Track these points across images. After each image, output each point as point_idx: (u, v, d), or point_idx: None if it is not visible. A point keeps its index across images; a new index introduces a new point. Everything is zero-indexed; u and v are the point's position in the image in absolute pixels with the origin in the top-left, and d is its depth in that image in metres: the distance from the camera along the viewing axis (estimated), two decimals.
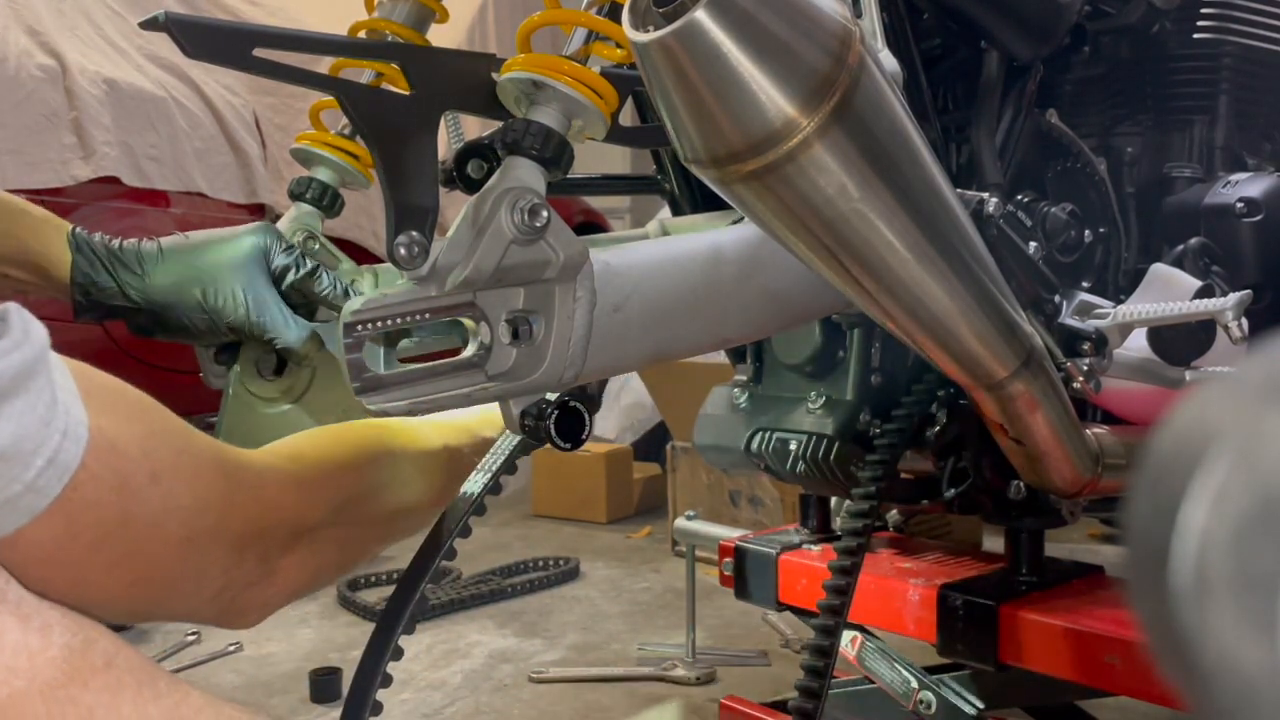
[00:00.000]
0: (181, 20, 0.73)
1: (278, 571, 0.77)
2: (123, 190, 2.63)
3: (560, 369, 0.77)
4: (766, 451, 1.29)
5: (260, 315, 0.92)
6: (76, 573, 0.61)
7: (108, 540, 0.62)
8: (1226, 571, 0.35)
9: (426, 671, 2.23)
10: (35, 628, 0.56)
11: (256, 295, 0.92)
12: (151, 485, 0.64)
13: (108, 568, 0.63)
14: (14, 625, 0.55)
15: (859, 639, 1.42)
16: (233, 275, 0.92)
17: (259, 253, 0.94)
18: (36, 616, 0.56)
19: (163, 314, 0.92)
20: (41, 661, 0.55)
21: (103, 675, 0.57)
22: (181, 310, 0.91)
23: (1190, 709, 0.38)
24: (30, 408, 0.54)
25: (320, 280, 0.96)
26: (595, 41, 0.82)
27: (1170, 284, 1.13)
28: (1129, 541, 0.40)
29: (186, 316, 0.92)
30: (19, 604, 0.56)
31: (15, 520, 0.56)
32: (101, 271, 0.91)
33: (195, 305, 0.91)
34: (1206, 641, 0.36)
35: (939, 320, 0.76)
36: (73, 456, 0.57)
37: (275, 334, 0.93)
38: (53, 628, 0.56)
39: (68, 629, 0.57)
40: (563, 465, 3.53)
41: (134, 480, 0.62)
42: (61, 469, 0.57)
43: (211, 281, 0.92)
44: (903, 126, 0.63)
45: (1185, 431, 0.38)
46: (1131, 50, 1.33)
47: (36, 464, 0.55)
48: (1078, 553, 2.40)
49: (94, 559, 0.61)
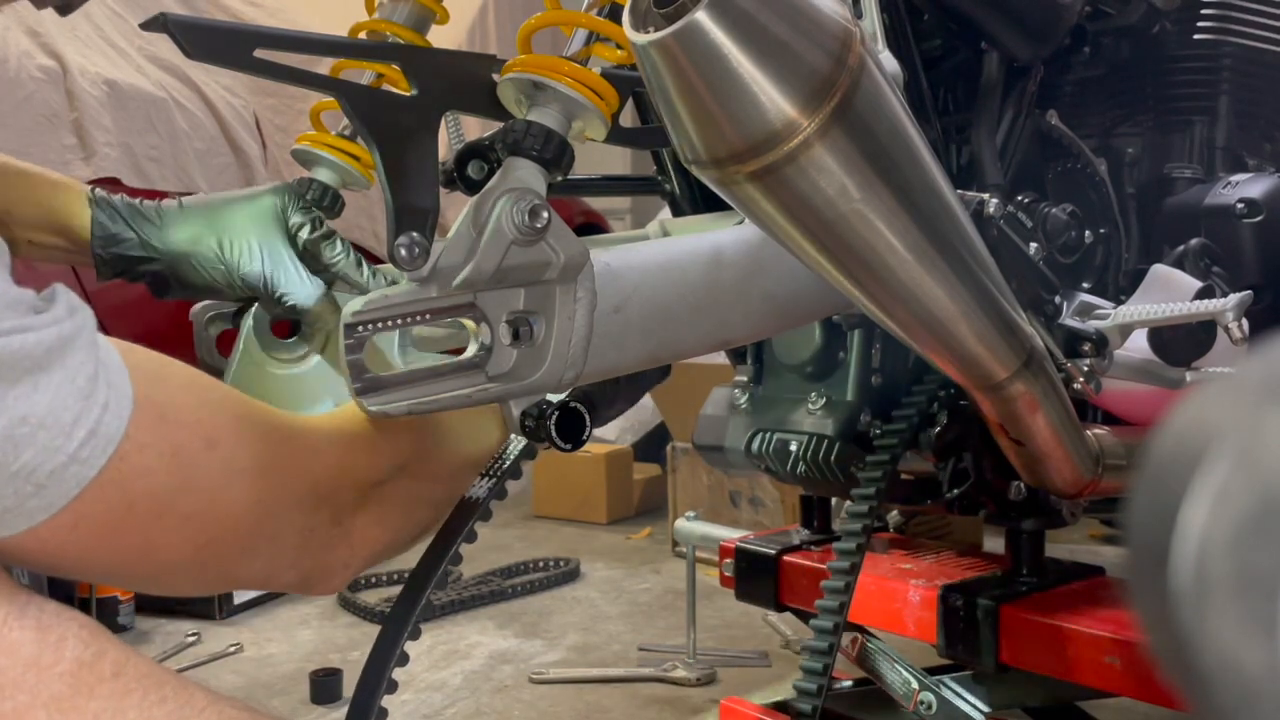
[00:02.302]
0: (182, 21, 0.73)
1: (354, 531, 0.78)
2: (123, 191, 2.62)
3: (561, 370, 0.77)
4: (767, 452, 1.29)
5: (275, 269, 0.92)
6: (142, 540, 0.63)
7: (169, 508, 0.63)
8: (1226, 571, 0.35)
9: (427, 672, 2.23)
10: (51, 642, 0.58)
11: (273, 250, 0.93)
12: (208, 451, 0.65)
13: (175, 533, 0.65)
14: (31, 639, 0.57)
15: (859, 639, 1.42)
16: (250, 229, 0.93)
17: (276, 210, 0.94)
18: (55, 629, 0.58)
19: (180, 266, 0.93)
20: (50, 676, 0.57)
21: (110, 684, 0.59)
22: (199, 261, 0.93)
23: (1190, 709, 0.38)
24: (68, 380, 0.57)
25: (334, 245, 0.96)
26: (596, 42, 0.82)
27: (1170, 285, 1.13)
28: (1129, 542, 0.40)
29: (204, 268, 0.93)
30: (40, 616, 0.58)
31: (65, 493, 0.57)
32: (121, 224, 0.92)
33: (213, 257, 0.92)
34: (1207, 642, 0.36)
35: (939, 321, 0.76)
36: (115, 429, 0.59)
37: (289, 290, 0.93)
38: (67, 641, 0.58)
39: (81, 641, 0.59)
40: (563, 466, 3.52)
41: (189, 448, 0.64)
42: (105, 440, 0.58)
43: (229, 234, 0.93)
44: (903, 127, 0.63)
45: (1185, 431, 0.39)
46: (1132, 51, 1.33)
47: (78, 435, 0.57)
48: (1078, 553, 2.40)
49: (158, 526, 0.63)
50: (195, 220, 0.94)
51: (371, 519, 0.80)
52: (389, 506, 0.81)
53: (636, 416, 3.88)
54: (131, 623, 2.47)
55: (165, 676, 0.62)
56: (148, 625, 2.49)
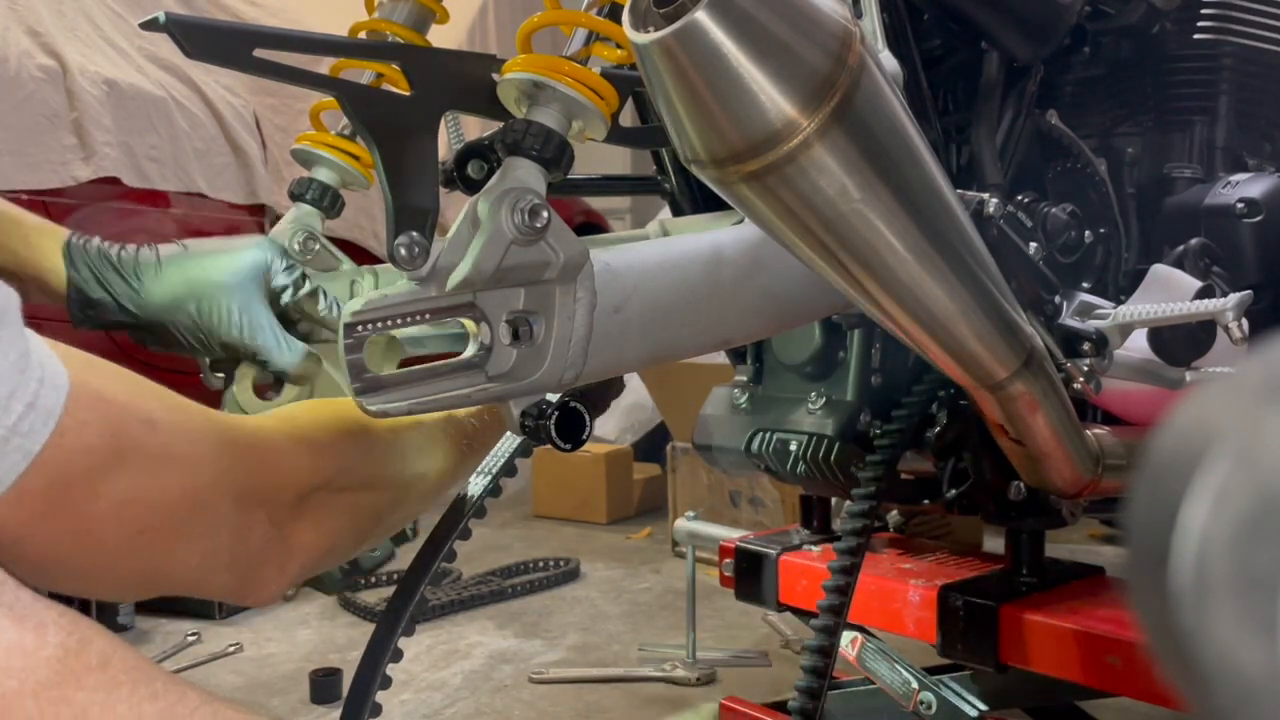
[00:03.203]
0: (182, 21, 0.73)
1: (291, 538, 0.77)
2: (123, 191, 2.63)
3: (560, 370, 0.77)
4: (767, 452, 1.29)
5: (253, 336, 0.92)
6: (79, 523, 0.62)
7: (107, 489, 0.62)
8: (1226, 571, 0.35)
9: (426, 672, 2.23)
10: (30, 627, 0.55)
11: (251, 315, 0.92)
12: (148, 432, 0.64)
13: (112, 518, 0.63)
14: (8, 625, 0.55)
15: (859, 639, 1.42)
16: (228, 292, 0.91)
17: (257, 270, 0.93)
18: (32, 616, 0.55)
19: (157, 328, 0.92)
20: (36, 661, 0.54)
21: (97, 674, 0.56)
22: (175, 325, 0.91)
23: (1190, 710, 0.38)
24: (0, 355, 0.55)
25: (319, 301, 0.96)
26: (595, 42, 0.82)
27: (1170, 284, 1.13)
28: (1129, 542, 0.40)
29: (180, 332, 0.92)
30: (14, 604, 0.55)
31: (12, 467, 0.56)
32: (95, 286, 0.90)
33: (189, 321, 0.91)
34: (1206, 642, 0.36)
35: (939, 321, 0.76)
36: (54, 402, 0.58)
37: (268, 356, 0.92)
38: (48, 627, 0.55)
39: (63, 628, 0.56)
40: (563, 466, 3.53)
41: (128, 426, 0.63)
42: (44, 414, 0.57)
43: (206, 298, 0.91)
44: (903, 127, 0.63)
45: (1185, 431, 0.38)
46: (1132, 51, 1.33)
47: (15, 409, 0.56)
48: (1078, 553, 2.40)
49: (95, 507, 0.62)
50: (172, 278, 0.92)
51: (310, 525, 0.78)
52: (328, 513, 0.80)
53: (636, 416, 3.88)
54: (131, 622, 2.47)
55: (154, 671, 0.59)
56: (147, 625, 2.49)
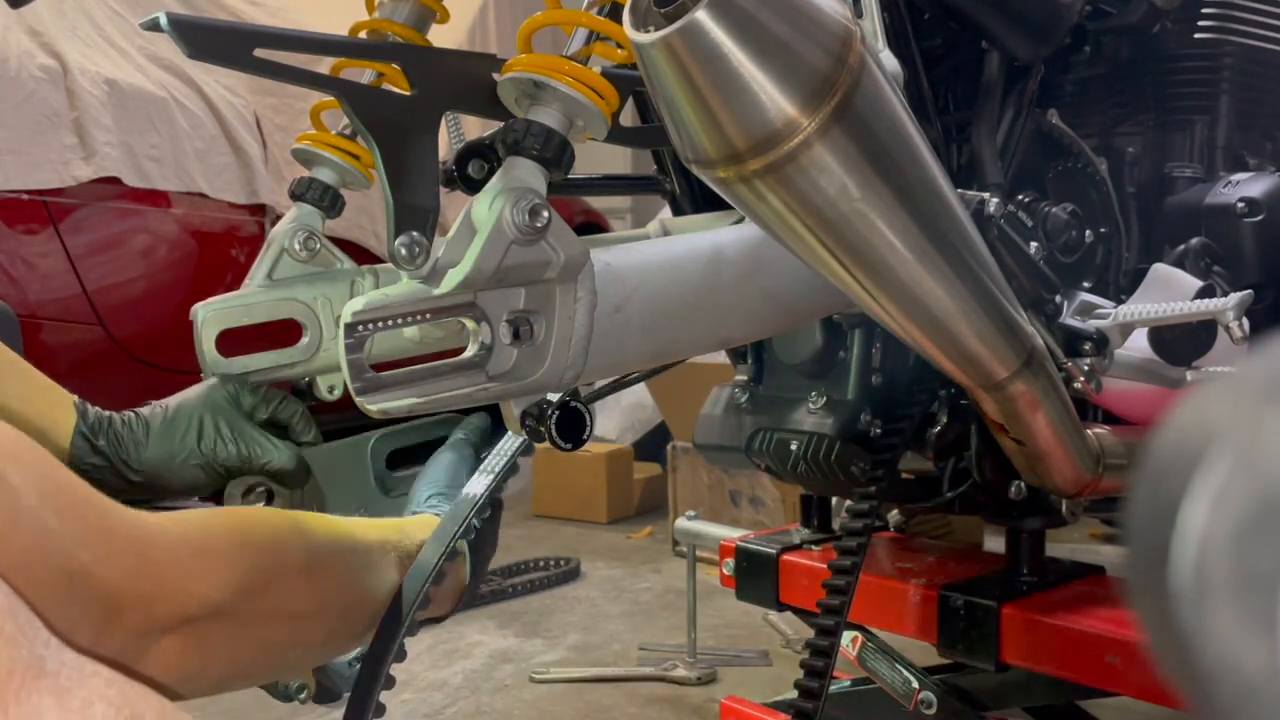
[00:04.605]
0: (183, 21, 0.73)
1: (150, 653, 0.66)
2: (124, 190, 2.63)
3: (561, 369, 0.77)
4: (767, 451, 1.29)
5: (250, 445, 0.98)
6: None
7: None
8: (1226, 571, 0.35)
9: (427, 672, 2.23)
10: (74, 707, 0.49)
11: (238, 429, 0.99)
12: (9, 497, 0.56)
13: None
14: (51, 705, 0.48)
15: (860, 639, 1.42)
16: (213, 419, 0.98)
17: (228, 397, 1.00)
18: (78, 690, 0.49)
19: (158, 477, 0.96)
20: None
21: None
22: (177, 468, 0.97)
23: (1190, 709, 0.38)
24: None
25: (289, 406, 1.02)
26: (596, 42, 0.82)
27: (1171, 284, 1.13)
28: (1129, 541, 0.40)
29: (183, 473, 0.97)
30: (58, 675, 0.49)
31: None
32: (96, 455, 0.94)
33: (191, 454, 0.97)
34: (1206, 642, 0.36)
35: (940, 320, 0.76)
36: None
37: (269, 458, 0.99)
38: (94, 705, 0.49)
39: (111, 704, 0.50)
40: (563, 465, 3.52)
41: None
42: None
43: (199, 430, 0.98)
44: (903, 127, 0.63)
45: (1185, 431, 0.39)
46: (1132, 50, 1.33)
47: None
48: (1078, 553, 2.40)
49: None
50: (164, 432, 0.97)
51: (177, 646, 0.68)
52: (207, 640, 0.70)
53: (637, 416, 3.88)
54: None
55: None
56: None
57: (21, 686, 0.47)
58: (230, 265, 2.90)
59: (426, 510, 0.97)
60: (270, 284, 1.04)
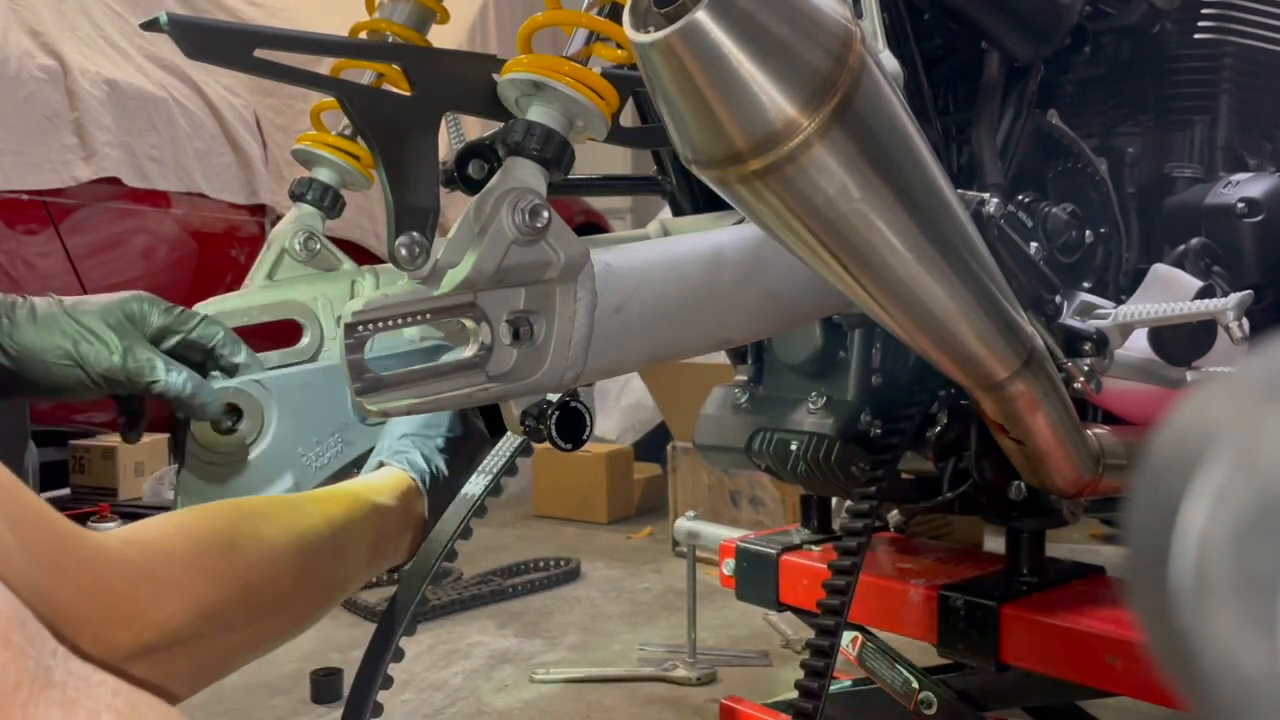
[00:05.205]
0: (183, 21, 0.73)
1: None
2: (124, 190, 2.63)
3: (561, 370, 0.77)
4: (767, 452, 1.29)
5: (136, 362, 0.88)
6: None
7: None
8: (1226, 571, 0.35)
9: (427, 672, 2.23)
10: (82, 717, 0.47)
11: (129, 343, 0.89)
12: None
13: None
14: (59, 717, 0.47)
15: (859, 639, 1.42)
16: (104, 328, 0.90)
17: (131, 314, 0.91)
18: (85, 701, 0.48)
19: (30, 366, 0.89)
20: None
21: None
22: (50, 361, 0.89)
23: (1190, 709, 0.38)
24: None
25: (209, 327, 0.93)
26: (596, 42, 0.83)
27: (1171, 284, 1.13)
28: (1129, 541, 0.40)
29: (56, 368, 0.89)
30: (65, 685, 0.48)
31: None
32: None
33: (63, 355, 0.88)
34: (1206, 642, 0.36)
35: (940, 321, 0.76)
36: None
37: (155, 378, 0.88)
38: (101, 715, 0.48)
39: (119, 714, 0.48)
40: (564, 466, 3.53)
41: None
42: None
43: (81, 333, 0.89)
44: (903, 127, 0.63)
45: (1185, 431, 0.38)
46: (1132, 50, 1.33)
47: None
48: (1078, 553, 2.40)
49: None
50: (47, 324, 0.89)
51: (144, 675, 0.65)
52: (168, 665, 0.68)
53: (637, 416, 3.88)
54: None
55: None
56: None
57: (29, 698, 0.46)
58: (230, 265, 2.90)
59: (399, 447, 0.94)
60: (270, 284, 1.04)
